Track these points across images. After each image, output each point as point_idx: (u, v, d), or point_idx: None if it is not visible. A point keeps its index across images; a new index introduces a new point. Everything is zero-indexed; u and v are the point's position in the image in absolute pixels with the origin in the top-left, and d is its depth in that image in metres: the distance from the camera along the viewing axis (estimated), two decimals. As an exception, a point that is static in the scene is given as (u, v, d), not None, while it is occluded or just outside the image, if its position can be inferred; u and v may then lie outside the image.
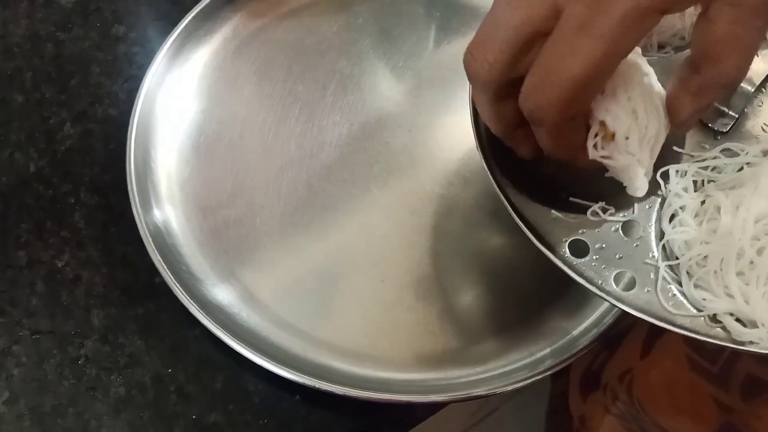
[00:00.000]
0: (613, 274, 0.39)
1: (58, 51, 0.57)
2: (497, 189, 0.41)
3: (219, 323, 0.44)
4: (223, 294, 0.47)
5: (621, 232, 0.40)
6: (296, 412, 0.45)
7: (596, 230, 0.40)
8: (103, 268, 0.49)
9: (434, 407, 0.48)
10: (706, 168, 0.42)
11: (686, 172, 0.42)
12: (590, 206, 0.41)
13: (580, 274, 0.39)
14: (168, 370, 0.46)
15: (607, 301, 0.38)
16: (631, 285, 0.39)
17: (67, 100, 0.55)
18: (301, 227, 0.50)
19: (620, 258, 0.40)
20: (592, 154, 0.37)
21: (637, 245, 0.40)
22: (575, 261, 0.40)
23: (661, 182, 0.42)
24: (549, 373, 0.44)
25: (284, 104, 0.54)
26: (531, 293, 0.48)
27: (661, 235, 0.40)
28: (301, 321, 0.47)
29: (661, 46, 0.46)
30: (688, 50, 0.45)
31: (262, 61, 0.56)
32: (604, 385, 0.52)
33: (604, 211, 0.41)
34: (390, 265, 0.49)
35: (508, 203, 0.41)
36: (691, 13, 0.46)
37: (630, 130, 0.37)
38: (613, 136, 0.37)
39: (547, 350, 0.46)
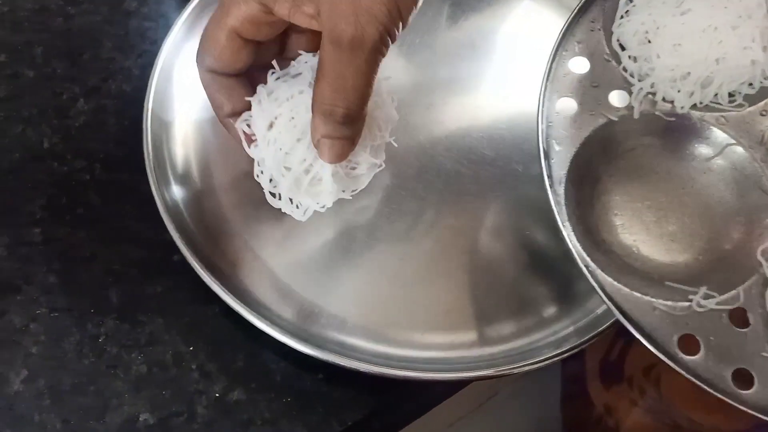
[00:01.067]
0: (730, 371, 0.36)
1: (67, 25, 0.56)
2: (600, 292, 0.39)
3: (240, 300, 0.44)
4: (242, 272, 0.47)
5: (729, 321, 0.38)
6: (318, 390, 0.44)
7: (703, 321, 0.38)
8: (118, 245, 0.48)
9: (456, 385, 0.48)
10: None
11: None
12: (688, 290, 0.38)
13: (697, 376, 0.36)
14: (189, 347, 0.45)
15: (731, 403, 0.36)
16: (750, 382, 0.36)
17: (79, 75, 0.54)
18: (320, 205, 0.49)
19: (733, 351, 0.37)
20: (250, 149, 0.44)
21: (748, 335, 0.37)
22: (689, 360, 0.37)
23: (763, 261, 0.39)
24: (573, 351, 0.44)
25: (300, 80, 0.53)
26: (554, 271, 0.48)
27: None
28: (321, 299, 0.46)
29: (731, 95, 0.43)
30: (764, 102, 0.42)
31: (277, 36, 0.55)
32: (628, 378, 0.52)
33: (707, 297, 0.38)
34: (409, 244, 0.49)
35: (612, 303, 0.39)
36: (762, 61, 0.42)
37: (259, 127, 0.43)
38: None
39: (571, 329, 0.46)
